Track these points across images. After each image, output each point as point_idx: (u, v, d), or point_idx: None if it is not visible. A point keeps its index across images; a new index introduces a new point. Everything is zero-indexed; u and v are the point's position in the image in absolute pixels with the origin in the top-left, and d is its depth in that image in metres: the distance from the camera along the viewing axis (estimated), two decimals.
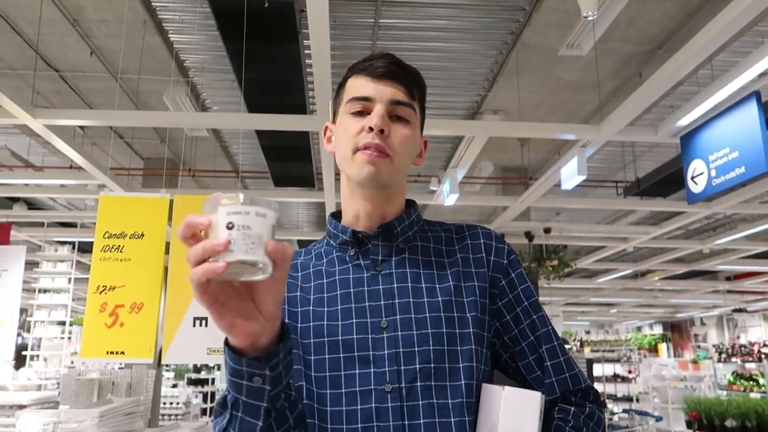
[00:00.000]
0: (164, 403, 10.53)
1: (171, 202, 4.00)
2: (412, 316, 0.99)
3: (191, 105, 5.79)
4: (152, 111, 6.32)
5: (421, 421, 0.94)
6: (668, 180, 7.35)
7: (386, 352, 0.97)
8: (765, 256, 11.91)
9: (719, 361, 12.39)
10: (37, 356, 10.03)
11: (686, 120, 4.91)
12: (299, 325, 1.01)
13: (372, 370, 0.96)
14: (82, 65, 5.77)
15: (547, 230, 9.00)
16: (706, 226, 10.77)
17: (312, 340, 0.99)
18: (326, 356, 0.97)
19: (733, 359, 11.71)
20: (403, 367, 0.96)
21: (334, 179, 6.55)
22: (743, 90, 4.31)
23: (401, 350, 0.97)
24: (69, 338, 9.61)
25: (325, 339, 0.98)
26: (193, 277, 0.67)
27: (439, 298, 1.01)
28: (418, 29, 5.21)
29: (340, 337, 0.97)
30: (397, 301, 1.00)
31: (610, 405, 10.19)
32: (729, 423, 5.52)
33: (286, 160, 6.62)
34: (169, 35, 5.30)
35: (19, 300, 5.98)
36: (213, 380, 14.41)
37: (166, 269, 3.82)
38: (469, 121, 6.62)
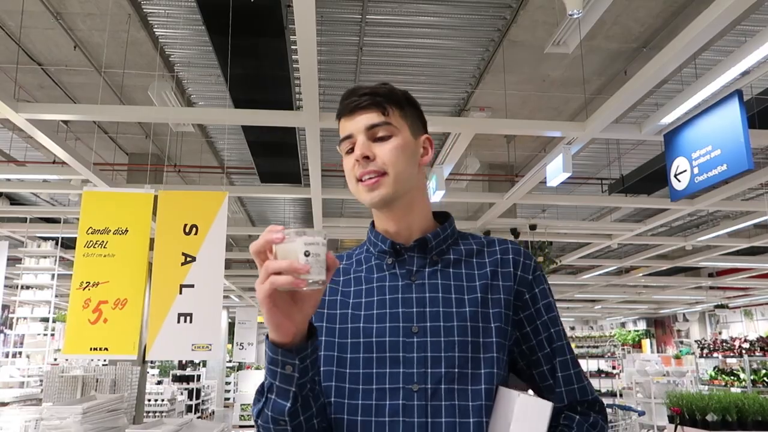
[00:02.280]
0: (149, 400, 10.49)
1: (155, 197, 3.99)
2: (441, 324, 1.09)
3: (177, 100, 5.74)
4: (137, 106, 6.26)
5: (443, 419, 1.04)
6: (652, 177, 7.41)
7: (415, 355, 1.07)
8: (747, 252, 12.07)
9: (701, 356, 12.54)
10: (20, 353, 9.94)
11: (670, 118, 4.96)
12: (337, 326, 1.13)
13: (401, 370, 1.06)
14: (66, 59, 5.70)
15: (532, 227, 9.05)
16: (689, 222, 10.89)
17: (349, 340, 1.11)
18: (360, 355, 1.09)
19: (715, 354, 11.86)
20: (429, 370, 1.06)
21: (321, 175, 6.54)
22: (726, 88, 4.36)
23: (429, 354, 1.07)
24: (52, 335, 9.52)
25: (361, 339, 1.10)
26: (273, 285, 0.85)
27: (467, 309, 1.11)
28: (404, 25, 5.20)
29: (374, 339, 1.09)
30: (428, 309, 1.10)
31: None
32: (710, 417, 5.59)
33: (273, 156, 6.59)
34: (155, 29, 5.25)
35: (1, 296, 5.90)
36: (198, 377, 14.37)
37: (150, 265, 3.79)
38: (456, 117, 6.63)
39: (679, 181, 4.59)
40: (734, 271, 14.58)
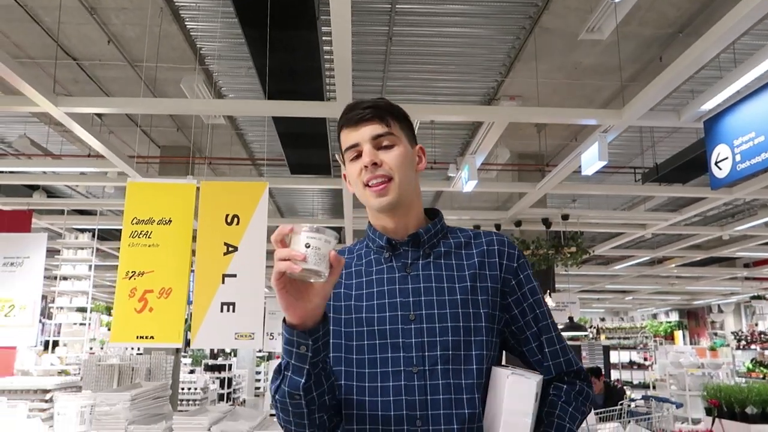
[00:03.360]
0: (182, 389, 10.68)
1: (197, 188, 4.04)
2: (435, 311, 1.23)
3: (208, 92, 5.80)
4: (172, 98, 6.33)
5: (440, 396, 1.18)
6: (687, 166, 7.24)
7: (413, 340, 1.21)
8: None
9: (737, 348, 12.29)
10: (57, 342, 10.20)
11: (711, 104, 4.83)
12: (343, 316, 1.26)
13: (402, 354, 1.20)
14: (100, 53, 5.79)
15: (565, 217, 8.94)
16: (725, 212, 10.65)
17: (354, 329, 1.24)
18: (365, 342, 1.23)
19: (752, 346, 11.61)
20: (426, 353, 1.20)
21: None
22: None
23: (425, 339, 1.21)
24: (89, 325, 9.74)
25: (365, 328, 1.23)
26: (277, 268, 0.98)
27: (458, 297, 1.24)
28: (434, 14, 5.16)
29: (376, 327, 1.22)
30: (423, 298, 1.24)
31: (628, 392, 10.16)
32: (749, 410, 5.47)
33: (303, 147, 6.61)
34: (186, 22, 5.30)
35: (41, 287, 6.05)
36: (230, 366, 14.56)
37: (193, 254, 3.85)
38: (490, 107, 6.57)
39: (720, 168, 4.47)
40: None
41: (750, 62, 4.21)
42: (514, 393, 1.13)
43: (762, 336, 11.40)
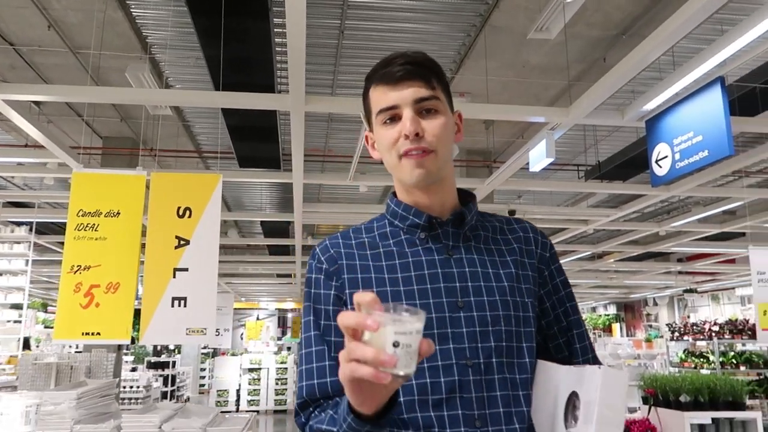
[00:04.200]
0: (124, 387, 10.37)
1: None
2: (485, 298, 1.09)
3: (154, 82, 5.64)
4: (117, 87, 6.12)
5: (498, 393, 1.05)
6: (628, 164, 7.53)
7: (465, 330, 1.06)
8: (716, 238, 12.35)
9: (672, 339, 12.85)
10: None
11: (652, 104, 5.03)
12: None
13: (451, 346, 1.05)
14: (39, 39, 5.54)
15: (512, 212, 9.13)
16: (661, 209, 11.10)
17: None
18: None
19: (685, 337, 12.16)
20: (480, 344, 1.06)
21: (303, 160, 6.49)
22: (706, 76, 4.43)
23: (478, 329, 1.07)
24: (25, 322, 9.34)
25: None
26: (359, 373, 0.77)
27: (505, 284, 1.12)
28: (386, 9, 5.17)
29: None
30: (470, 284, 1.10)
31: None
32: (683, 398, 5.74)
33: (253, 140, 6.52)
34: (131, 9, 5.14)
35: None
36: (173, 363, 14.25)
37: (143, 248, 3.74)
38: None
39: (660, 166, 4.67)
40: (703, 256, 14.91)
41: (689, 65, 4.41)
42: (608, 388, 0.98)
43: (694, 327, 11.96)
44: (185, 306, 3.55)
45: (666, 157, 4.62)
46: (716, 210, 9.62)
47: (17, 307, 8.76)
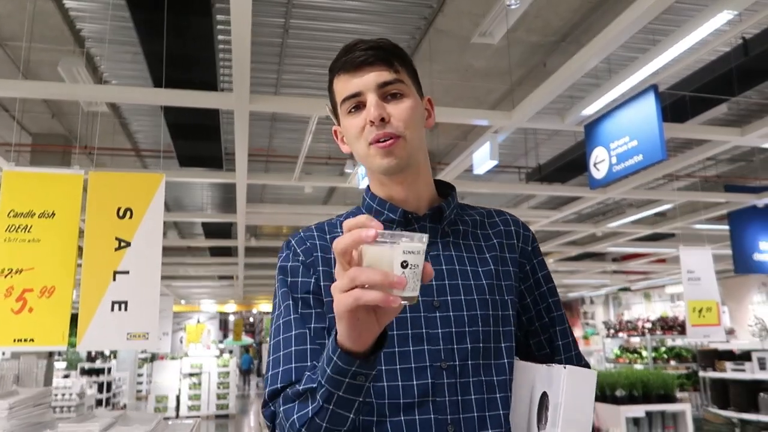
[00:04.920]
0: (56, 395, 9.93)
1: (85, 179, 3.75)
2: (462, 297, 1.05)
3: (89, 77, 5.41)
4: (47, 81, 5.83)
5: (473, 396, 1.01)
6: (567, 166, 7.75)
7: (440, 330, 1.02)
8: (648, 239, 12.87)
9: (607, 336, 13.31)
10: None
11: (591, 109, 5.19)
12: None
13: (426, 347, 1.01)
14: None
15: None
16: (597, 210, 11.47)
17: None
18: None
19: (620, 334, 12.62)
20: (456, 346, 1.02)
21: (247, 159, 6.38)
22: (641, 83, 4.60)
23: (454, 329, 1.02)
24: None
25: None
26: (365, 299, 0.73)
27: (484, 281, 1.08)
28: (331, 9, 5.14)
29: None
30: (447, 282, 1.06)
31: None
32: (619, 392, 5.95)
33: (194, 139, 6.35)
34: (64, 1, 4.91)
35: None
36: (109, 369, 13.77)
37: (80, 250, 3.56)
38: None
39: (598, 170, 4.82)
40: (636, 256, 15.50)
41: (624, 72, 4.57)
42: (575, 387, 0.96)
43: (628, 324, 12.43)
44: (126, 310, 3.41)
45: (603, 160, 4.78)
46: (648, 212, 10.03)
47: None
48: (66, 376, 11.81)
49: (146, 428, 2.92)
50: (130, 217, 3.57)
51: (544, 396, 0.99)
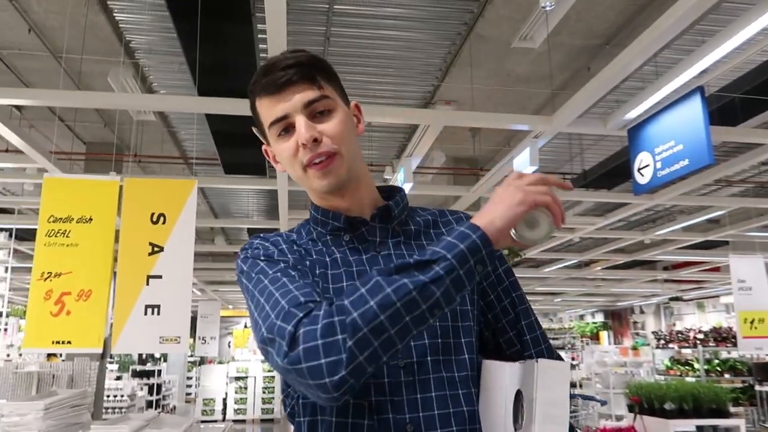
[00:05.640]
0: (108, 396, 10.25)
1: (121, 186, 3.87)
2: None
3: (138, 87, 5.59)
4: (98, 92, 6.06)
5: (433, 393, 0.98)
6: (613, 172, 7.57)
7: None
8: (701, 246, 12.44)
9: (657, 347, 12.91)
10: None
11: (634, 113, 5.05)
12: None
13: None
14: (20, 42, 5.49)
15: None
16: (647, 217, 11.16)
17: None
18: None
19: (671, 345, 12.22)
20: (413, 342, 0.98)
21: None
22: (686, 86, 4.46)
23: None
24: (5, 330, 9.19)
25: None
26: (544, 199, 0.93)
27: None
28: (372, 17, 5.17)
29: None
30: None
31: None
32: (668, 406, 5.75)
33: (237, 146, 6.48)
34: (114, 14, 5.10)
35: None
36: (159, 372, 14.11)
37: (115, 255, 3.67)
38: (426, 110, 6.64)
39: (642, 175, 4.69)
40: (688, 264, 15.01)
41: (669, 75, 4.44)
42: (548, 380, 0.93)
43: (679, 335, 12.02)
44: (159, 314, 3.49)
45: (648, 165, 4.64)
46: (700, 219, 9.69)
47: None
48: (118, 378, 12.18)
49: (176, 431, 2.97)
50: (164, 222, 3.65)
51: (518, 394, 0.97)
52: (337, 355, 0.83)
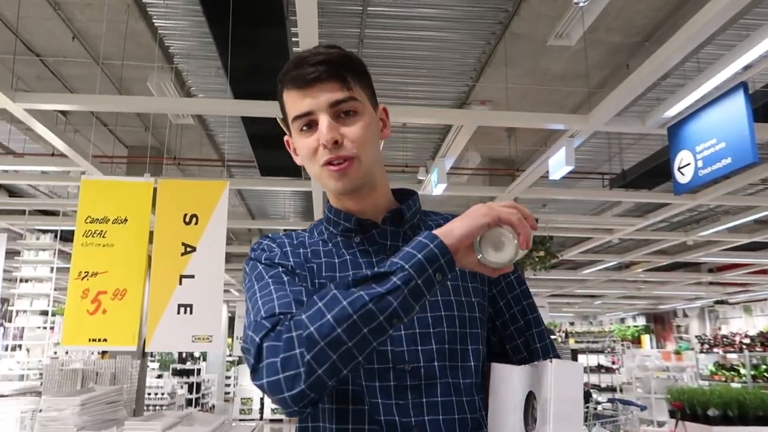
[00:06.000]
0: (149, 394, 10.49)
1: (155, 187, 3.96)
2: None
3: (176, 91, 5.71)
4: (137, 96, 6.21)
5: (439, 399, 0.98)
6: (654, 172, 7.39)
7: (403, 332, 1.00)
8: (747, 248, 12.05)
9: (701, 351, 12.55)
10: (20, 346, 9.93)
11: (674, 111, 4.92)
12: None
13: (389, 348, 0.99)
14: (64, 50, 5.66)
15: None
16: (690, 218, 10.87)
17: None
18: None
19: (715, 350, 11.86)
20: (420, 347, 1.00)
21: None
22: (728, 82, 4.32)
23: (417, 331, 1.00)
24: (51, 328, 9.49)
25: None
26: (513, 217, 0.90)
27: (448, 283, 1.03)
28: (406, 18, 5.16)
29: None
30: None
31: (594, 395, 10.31)
32: (711, 412, 5.56)
33: (273, 148, 6.56)
34: (154, 20, 5.21)
35: (0, 289, 5.87)
36: (198, 371, 14.36)
37: (149, 255, 3.76)
38: (459, 110, 6.60)
39: (683, 174, 4.55)
40: (734, 266, 14.57)
41: (710, 71, 4.31)
42: (563, 381, 0.93)
43: (725, 340, 11.66)
44: (191, 313, 3.55)
45: (689, 164, 4.51)
46: (746, 219, 9.39)
47: (44, 313, 8.92)
48: (159, 377, 12.45)
49: (206, 429, 3.01)
50: (196, 223, 3.72)
51: (530, 396, 0.96)
52: (295, 370, 0.84)
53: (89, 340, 3.55)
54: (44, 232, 9.44)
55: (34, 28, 5.31)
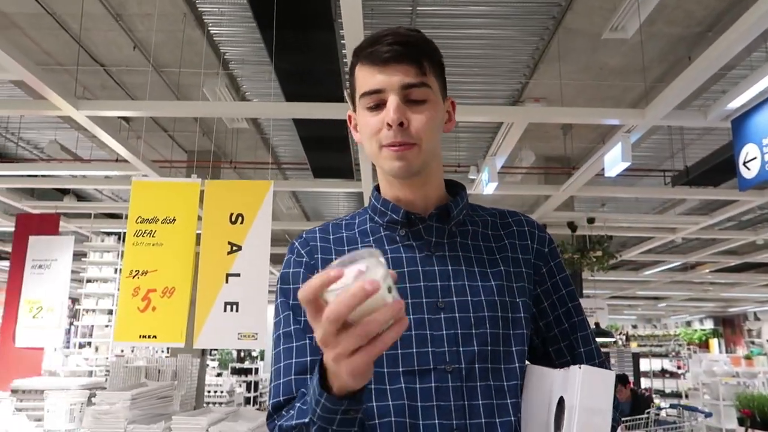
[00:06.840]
0: (209, 392, 10.78)
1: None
2: (469, 298, 1.01)
3: (230, 96, 5.85)
4: (191, 101, 6.40)
5: (480, 401, 0.96)
6: (719, 168, 7.07)
7: (444, 332, 0.98)
8: None
9: None
10: (89, 344, 10.38)
11: (738, 102, 4.68)
12: None
13: (430, 349, 0.97)
14: (126, 59, 5.89)
15: (590, 220, 8.78)
16: (760, 216, 10.35)
17: None
18: None
19: None
20: (462, 348, 0.97)
21: (371, 169, 6.54)
22: None
23: (459, 331, 0.98)
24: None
25: None
26: (383, 344, 0.68)
27: (493, 283, 1.02)
28: (456, 16, 5.12)
29: None
30: (453, 283, 1.01)
31: (657, 400, 9.95)
32: None
33: (325, 150, 6.63)
34: (209, 28, 5.36)
35: (68, 289, 6.16)
36: (256, 370, 14.66)
37: (197, 254, 3.86)
38: (507, 107, 6.49)
39: (748, 169, 4.33)
40: None
41: None
42: (591, 388, 0.90)
43: None
44: (237, 311, 3.63)
45: (755, 158, 4.28)
46: None
47: (109, 312, 9.29)
48: (218, 375, 12.78)
49: (250, 425, 3.07)
50: (241, 222, 3.80)
51: (561, 401, 0.92)
52: None
53: (139, 336, 3.69)
54: (108, 234, 9.85)
55: (98, 39, 5.55)
